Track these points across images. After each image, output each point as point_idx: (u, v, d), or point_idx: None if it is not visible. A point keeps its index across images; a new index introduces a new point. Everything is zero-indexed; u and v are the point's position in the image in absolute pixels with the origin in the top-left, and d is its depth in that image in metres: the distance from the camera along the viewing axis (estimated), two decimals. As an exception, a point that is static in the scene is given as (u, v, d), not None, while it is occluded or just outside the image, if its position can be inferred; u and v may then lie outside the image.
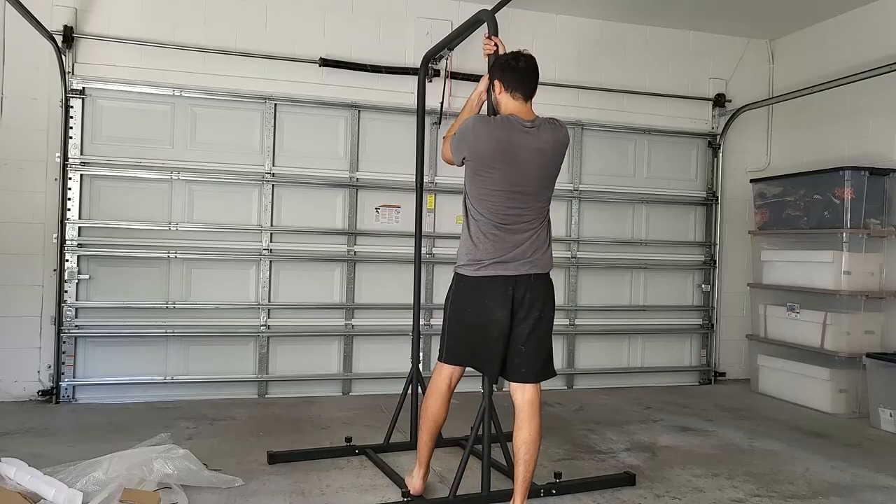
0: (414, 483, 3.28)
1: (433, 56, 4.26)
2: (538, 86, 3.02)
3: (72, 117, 4.95)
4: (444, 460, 3.82)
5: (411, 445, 4.02)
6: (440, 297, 5.66)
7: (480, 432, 3.19)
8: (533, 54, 3.08)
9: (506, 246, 2.95)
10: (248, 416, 4.69)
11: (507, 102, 3.04)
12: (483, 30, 3.37)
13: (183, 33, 5.19)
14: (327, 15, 5.49)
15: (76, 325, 4.98)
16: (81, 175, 4.99)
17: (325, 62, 5.40)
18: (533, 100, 3.06)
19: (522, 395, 3.03)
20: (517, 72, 3.03)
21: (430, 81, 5.27)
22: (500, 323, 2.97)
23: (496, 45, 3.18)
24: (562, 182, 5.87)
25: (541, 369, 3.04)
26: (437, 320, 5.67)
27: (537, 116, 3.05)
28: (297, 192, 5.42)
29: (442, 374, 3.19)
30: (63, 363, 4.93)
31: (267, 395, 5.33)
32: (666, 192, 6.27)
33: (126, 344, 5.09)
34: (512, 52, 3.09)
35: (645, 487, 3.53)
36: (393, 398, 4.18)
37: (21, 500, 2.84)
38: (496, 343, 3.00)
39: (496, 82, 3.07)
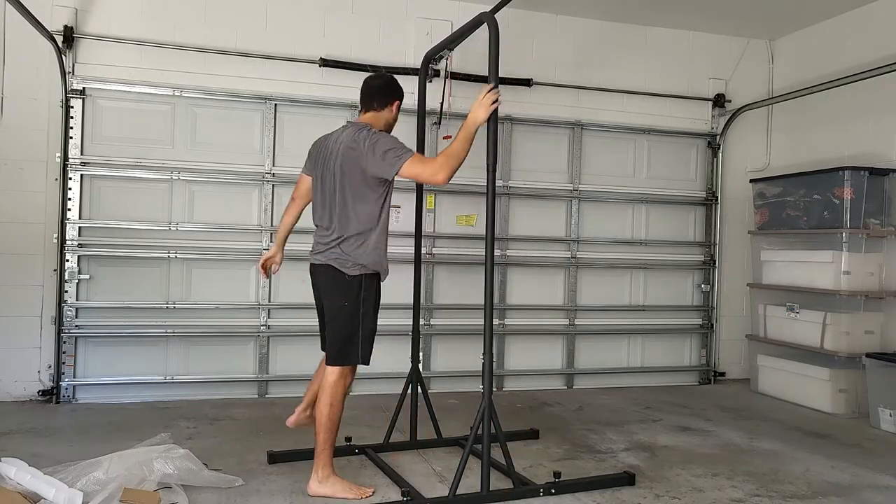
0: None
1: (433, 56, 4.26)
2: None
3: (72, 117, 4.95)
4: (444, 460, 3.83)
5: (411, 445, 4.04)
6: (440, 297, 5.70)
7: (480, 432, 3.20)
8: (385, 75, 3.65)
9: (315, 235, 3.43)
10: (248, 416, 4.70)
11: None
12: (483, 31, 3.37)
13: (183, 33, 5.20)
14: (327, 15, 5.49)
15: (76, 325, 4.98)
16: (82, 175, 4.99)
17: (325, 62, 5.40)
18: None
19: (326, 373, 3.35)
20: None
21: (430, 82, 5.26)
22: (317, 302, 3.47)
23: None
24: (562, 182, 5.99)
25: (334, 355, 3.32)
26: (438, 320, 5.68)
27: (357, 123, 3.38)
28: (297, 192, 5.42)
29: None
30: (63, 363, 4.93)
31: (267, 395, 5.33)
32: (666, 192, 6.28)
33: (126, 344, 5.09)
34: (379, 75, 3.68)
35: (644, 487, 3.53)
36: (393, 398, 4.19)
37: (21, 499, 2.84)
38: (320, 320, 3.49)
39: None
